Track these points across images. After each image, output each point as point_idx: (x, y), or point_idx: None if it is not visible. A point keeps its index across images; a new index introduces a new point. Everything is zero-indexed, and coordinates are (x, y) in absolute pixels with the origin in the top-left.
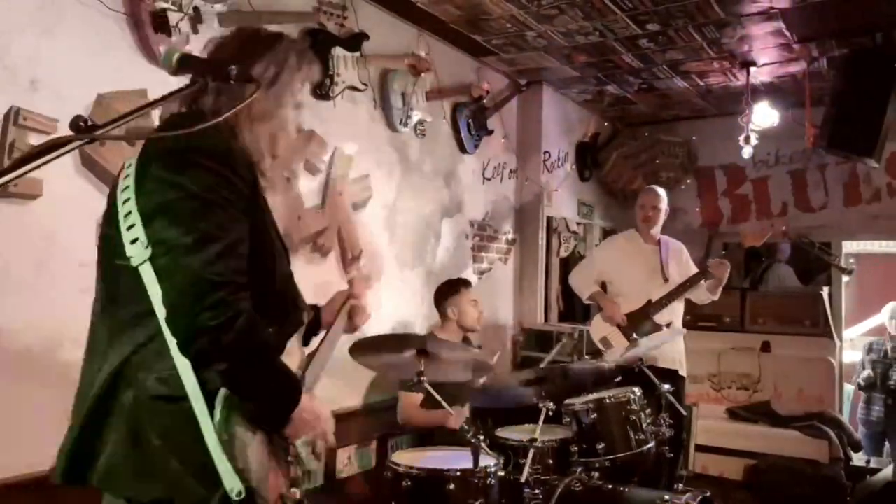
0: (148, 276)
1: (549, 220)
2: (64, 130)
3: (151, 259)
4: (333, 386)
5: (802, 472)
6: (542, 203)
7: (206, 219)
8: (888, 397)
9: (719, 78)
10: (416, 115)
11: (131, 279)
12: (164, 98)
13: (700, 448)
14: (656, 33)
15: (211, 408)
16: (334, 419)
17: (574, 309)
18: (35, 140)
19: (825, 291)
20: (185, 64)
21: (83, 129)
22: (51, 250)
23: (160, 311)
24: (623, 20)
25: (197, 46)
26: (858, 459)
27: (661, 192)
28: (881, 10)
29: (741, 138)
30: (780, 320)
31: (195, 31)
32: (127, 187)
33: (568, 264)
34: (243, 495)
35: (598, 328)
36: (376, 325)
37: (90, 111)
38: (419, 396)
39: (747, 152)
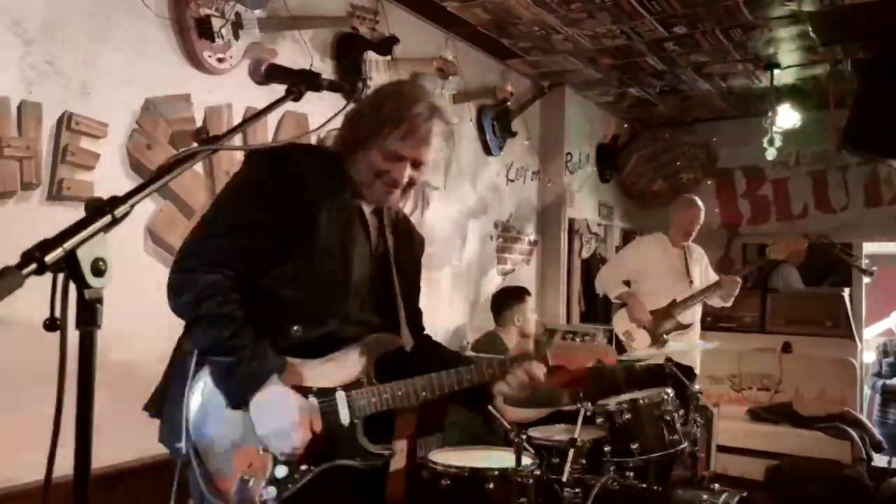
0: None
1: (571, 221)
2: (115, 135)
3: None
4: None
5: (825, 472)
6: (564, 204)
7: (224, 202)
8: None
9: (742, 80)
10: None
11: None
12: (270, 107)
13: (721, 448)
14: (683, 36)
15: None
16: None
17: (595, 309)
18: (87, 144)
19: (846, 292)
20: (273, 73)
21: (207, 140)
22: None
23: None
24: (651, 23)
25: (238, 53)
26: (879, 460)
27: (702, 206)
28: None
29: (765, 140)
30: (802, 321)
31: (236, 36)
32: None
33: (589, 265)
34: (182, 454)
35: (622, 322)
36: None
37: (138, 116)
38: None
39: (771, 154)
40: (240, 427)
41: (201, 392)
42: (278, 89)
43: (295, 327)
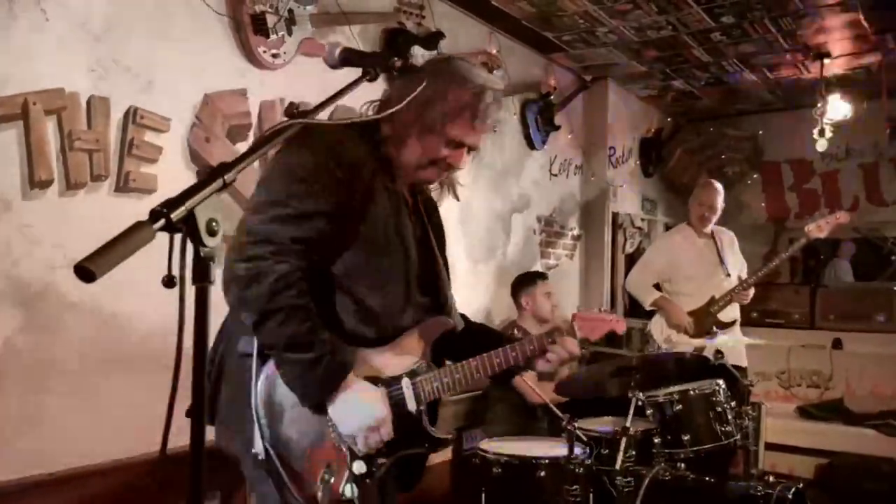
0: None
1: (615, 215)
2: (175, 128)
3: None
4: None
5: (879, 469)
6: (607, 199)
7: (287, 188)
8: None
9: (790, 70)
10: None
11: None
12: (350, 86)
13: (769, 446)
14: (730, 26)
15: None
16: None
17: (638, 304)
18: (150, 138)
19: None
20: (347, 58)
21: (296, 115)
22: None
23: None
24: (698, 13)
25: (291, 48)
26: None
27: (720, 188)
28: None
29: (815, 131)
30: (852, 316)
31: (290, 32)
32: None
33: (633, 261)
34: (261, 457)
35: (661, 328)
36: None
37: (198, 110)
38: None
39: (822, 145)
40: (314, 425)
41: (270, 393)
42: (331, 81)
43: (364, 316)
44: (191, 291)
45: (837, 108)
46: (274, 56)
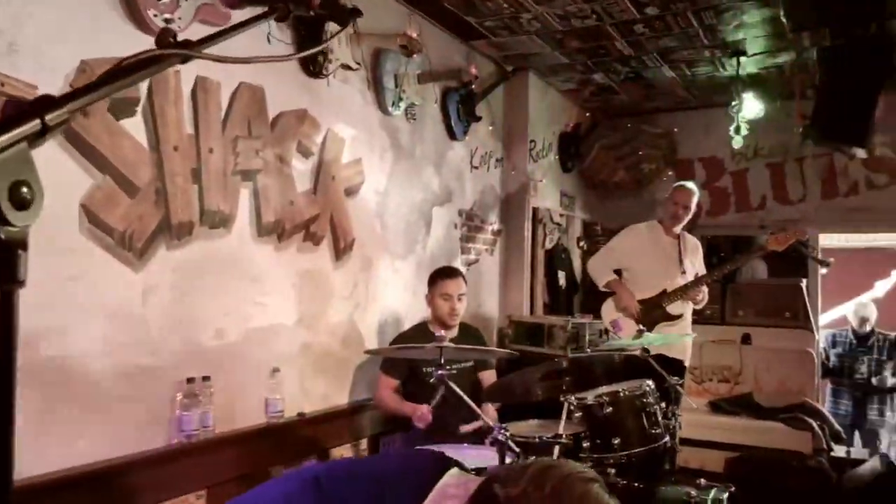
0: None
1: (535, 210)
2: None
3: None
4: (326, 385)
5: (788, 463)
6: (528, 193)
7: None
8: (855, 390)
9: (707, 67)
10: (407, 98)
11: None
12: (249, 21)
13: (682, 441)
14: (654, 17)
15: None
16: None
17: (558, 301)
18: None
19: (804, 283)
20: None
21: (172, 44)
22: None
23: None
24: (624, 2)
25: (188, 13)
26: (838, 450)
27: (695, 189)
28: None
29: (732, 128)
30: (761, 312)
31: None
32: None
33: (552, 256)
34: None
35: (610, 311)
36: (367, 316)
37: (73, 79)
38: (394, 381)
39: (738, 142)
40: None
41: None
42: (233, 51)
43: None
44: None
45: (752, 106)
46: (167, 21)
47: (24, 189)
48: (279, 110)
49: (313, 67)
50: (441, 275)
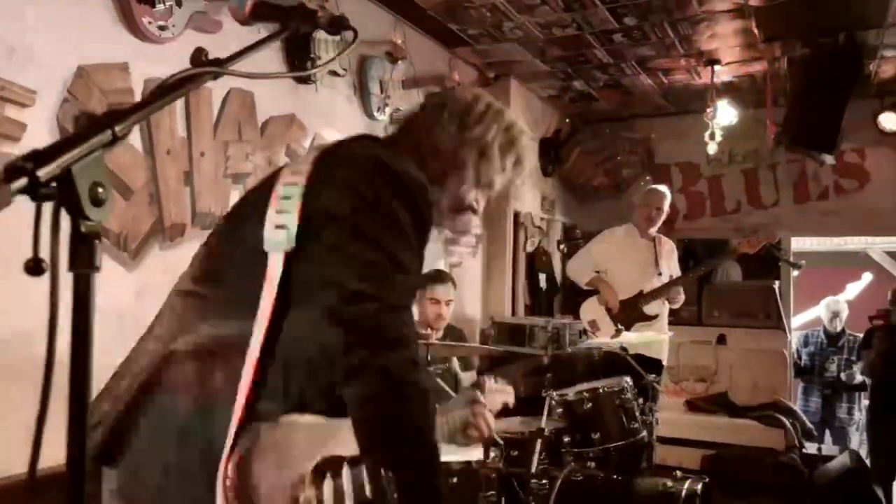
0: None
1: (516, 214)
2: (43, 103)
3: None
4: None
5: (761, 460)
6: (509, 197)
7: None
8: (825, 388)
9: (683, 76)
10: (392, 103)
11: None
12: (268, 39)
13: (659, 440)
14: (632, 27)
15: None
16: None
17: (540, 302)
18: (12, 113)
19: (776, 285)
20: (260, 12)
21: (205, 62)
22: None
23: None
24: (603, 12)
25: (181, 21)
26: (810, 447)
27: (667, 192)
28: (848, 10)
29: (706, 134)
30: (735, 313)
31: (179, 4)
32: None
33: (533, 259)
34: None
35: (589, 311)
36: None
37: (70, 84)
38: None
39: (712, 148)
40: None
41: None
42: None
43: None
44: (67, 280)
45: (726, 113)
46: (161, 28)
47: (100, 189)
48: (268, 115)
49: (297, 62)
50: (432, 279)
